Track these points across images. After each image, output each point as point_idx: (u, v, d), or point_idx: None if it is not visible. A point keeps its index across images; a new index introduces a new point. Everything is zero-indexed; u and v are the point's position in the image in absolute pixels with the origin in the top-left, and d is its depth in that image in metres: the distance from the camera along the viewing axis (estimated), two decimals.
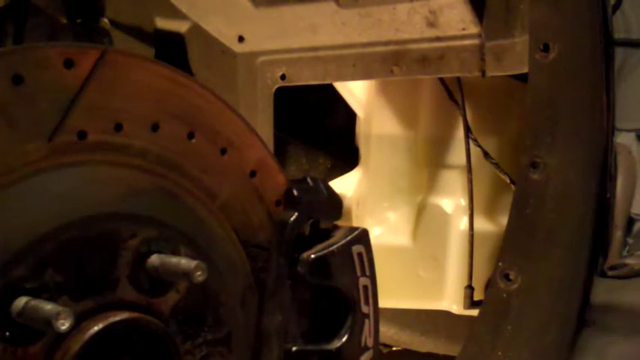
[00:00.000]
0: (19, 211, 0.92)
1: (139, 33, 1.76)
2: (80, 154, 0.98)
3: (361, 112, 2.03)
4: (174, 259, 1.01)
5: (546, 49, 1.43)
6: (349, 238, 1.21)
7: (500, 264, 1.52)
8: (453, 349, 1.90)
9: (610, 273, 1.52)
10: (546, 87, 1.44)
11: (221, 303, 1.10)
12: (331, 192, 1.23)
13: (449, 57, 1.63)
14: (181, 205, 1.08)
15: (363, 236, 1.23)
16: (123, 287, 0.99)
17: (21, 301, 0.89)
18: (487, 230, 1.83)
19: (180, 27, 1.81)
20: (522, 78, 1.51)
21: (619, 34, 1.54)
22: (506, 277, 1.52)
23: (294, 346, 1.17)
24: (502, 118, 1.83)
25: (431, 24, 1.60)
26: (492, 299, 1.54)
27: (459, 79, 1.79)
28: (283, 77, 1.84)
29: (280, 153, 2.23)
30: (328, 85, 1.93)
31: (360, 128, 2.05)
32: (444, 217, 1.89)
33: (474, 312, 1.69)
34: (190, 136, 1.09)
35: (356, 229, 1.24)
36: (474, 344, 1.58)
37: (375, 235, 1.89)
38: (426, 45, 1.65)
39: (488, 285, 1.61)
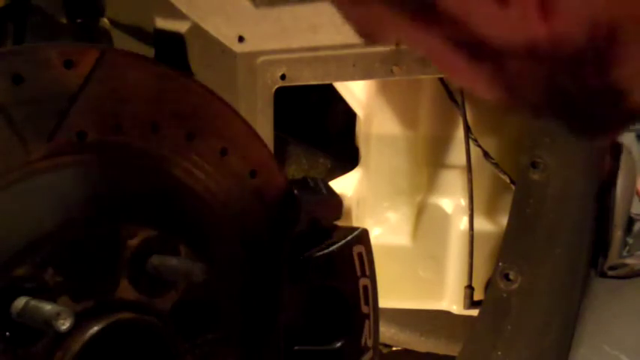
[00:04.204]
0: (19, 211, 0.92)
1: (139, 33, 1.76)
2: (80, 154, 0.98)
3: (361, 112, 2.03)
4: (174, 259, 1.01)
5: None
6: (349, 238, 1.21)
7: (500, 264, 1.52)
8: (453, 349, 1.90)
9: (610, 273, 1.52)
10: None
11: (221, 303, 1.10)
12: (331, 192, 1.23)
13: None
14: (181, 205, 1.08)
15: (363, 236, 1.23)
16: (123, 287, 0.99)
17: (21, 301, 0.89)
18: (487, 230, 1.83)
19: (181, 27, 1.81)
20: None
21: None
22: (506, 277, 1.52)
23: (295, 346, 1.17)
24: (502, 118, 1.83)
25: None
26: (492, 299, 1.54)
27: None
28: (283, 77, 1.84)
29: (280, 153, 2.23)
30: (328, 85, 1.93)
31: (360, 128, 2.05)
32: (444, 217, 1.89)
33: (474, 312, 1.69)
34: (190, 136, 1.09)
35: (356, 229, 1.24)
36: (474, 344, 1.59)
37: (375, 235, 1.89)
38: None
39: (488, 285, 1.61)
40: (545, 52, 0.55)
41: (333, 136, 2.30)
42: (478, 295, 1.77)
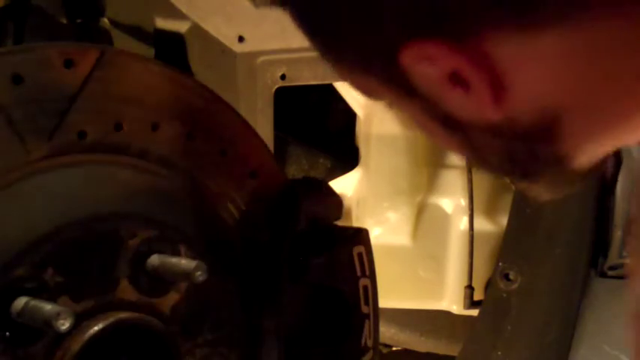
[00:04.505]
0: (19, 211, 0.92)
1: (139, 33, 1.75)
2: (80, 154, 0.98)
3: (361, 112, 2.03)
4: (174, 259, 1.01)
5: None
6: (349, 238, 1.21)
7: (500, 264, 1.52)
8: (453, 349, 1.90)
9: (610, 273, 1.53)
10: None
11: (221, 303, 1.10)
12: (331, 192, 1.23)
13: None
14: (181, 205, 1.08)
15: (363, 236, 1.23)
16: (123, 287, 0.99)
17: (21, 301, 0.89)
18: (487, 230, 1.83)
19: (180, 27, 1.80)
20: None
21: None
22: (506, 277, 1.52)
23: (295, 346, 1.17)
24: None
25: None
26: (492, 299, 1.54)
27: None
28: (283, 77, 1.83)
29: (280, 153, 2.23)
30: (328, 85, 1.93)
31: (360, 128, 2.05)
32: (444, 217, 1.89)
33: (474, 312, 1.69)
34: (190, 136, 1.09)
35: (356, 229, 1.24)
36: (474, 344, 1.59)
37: (375, 235, 1.89)
38: None
39: (488, 285, 1.61)
40: (501, 130, 0.68)
41: (333, 136, 2.30)
42: (478, 295, 1.77)
